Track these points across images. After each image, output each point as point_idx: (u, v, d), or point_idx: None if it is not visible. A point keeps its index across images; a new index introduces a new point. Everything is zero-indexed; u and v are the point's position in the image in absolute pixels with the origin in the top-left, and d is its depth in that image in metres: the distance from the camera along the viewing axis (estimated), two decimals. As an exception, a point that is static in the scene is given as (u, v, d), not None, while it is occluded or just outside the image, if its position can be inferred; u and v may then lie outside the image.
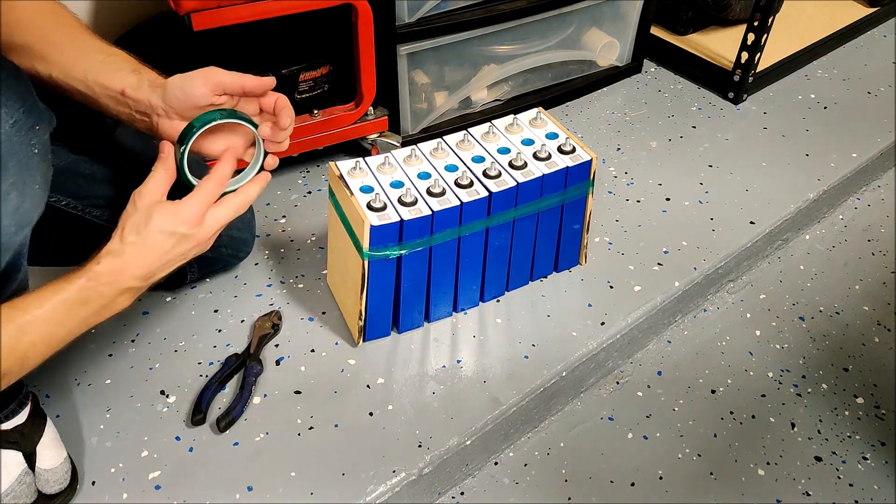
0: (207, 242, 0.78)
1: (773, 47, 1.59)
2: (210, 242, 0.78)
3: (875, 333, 1.21)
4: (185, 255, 0.77)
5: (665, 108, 1.55)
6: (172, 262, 0.76)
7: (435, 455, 0.90)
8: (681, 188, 1.33)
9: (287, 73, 1.19)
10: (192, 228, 0.75)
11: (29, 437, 0.82)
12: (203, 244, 0.78)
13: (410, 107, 1.34)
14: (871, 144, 1.47)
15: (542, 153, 1.02)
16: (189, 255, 0.77)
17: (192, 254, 0.77)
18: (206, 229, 0.76)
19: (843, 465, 1.01)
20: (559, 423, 1.05)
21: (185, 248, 0.76)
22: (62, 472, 0.84)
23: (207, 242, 0.78)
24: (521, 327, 1.06)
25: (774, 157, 1.42)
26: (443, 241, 0.96)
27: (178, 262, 0.77)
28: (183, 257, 0.77)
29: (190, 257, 0.78)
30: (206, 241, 0.78)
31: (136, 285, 0.74)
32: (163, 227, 0.73)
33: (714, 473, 1.00)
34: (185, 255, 0.77)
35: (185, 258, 0.77)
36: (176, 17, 1.00)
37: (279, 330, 1.04)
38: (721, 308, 1.24)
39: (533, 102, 1.48)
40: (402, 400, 0.96)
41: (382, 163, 0.99)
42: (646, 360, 1.15)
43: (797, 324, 1.21)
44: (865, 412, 1.08)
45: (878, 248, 1.37)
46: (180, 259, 0.77)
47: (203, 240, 0.77)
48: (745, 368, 1.14)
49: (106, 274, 0.71)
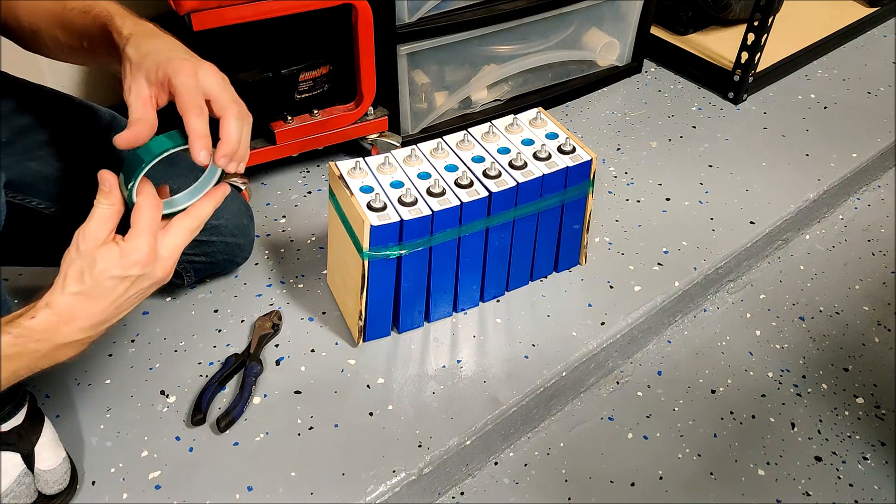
0: (168, 274, 0.70)
1: (773, 47, 1.59)
2: (171, 271, 0.70)
3: (875, 333, 1.21)
4: (144, 293, 0.69)
5: (665, 108, 1.55)
6: (129, 302, 0.68)
7: (435, 455, 0.90)
8: (681, 188, 1.33)
9: (287, 73, 1.19)
10: (145, 268, 0.67)
11: (27, 438, 0.82)
12: (163, 278, 0.70)
13: (410, 107, 1.34)
14: (871, 144, 1.47)
15: (542, 153, 1.02)
16: (149, 291, 0.70)
17: (154, 289, 0.70)
18: (163, 263, 0.69)
19: (843, 465, 1.01)
20: (559, 423, 1.05)
21: (142, 287, 0.68)
22: (61, 472, 0.84)
23: (168, 274, 0.70)
24: (521, 327, 1.06)
25: (774, 157, 1.42)
26: (443, 241, 0.96)
27: (137, 301, 0.70)
28: (141, 296, 0.69)
29: (151, 293, 0.70)
30: (166, 275, 0.70)
31: (81, 337, 0.66)
32: (111, 272, 0.65)
33: (714, 473, 1.00)
34: (144, 293, 0.69)
35: (144, 296, 0.70)
36: (176, 17, 1.00)
37: (279, 330, 1.04)
38: (721, 308, 1.24)
39: (533, 102, 1.48)
40: (402, 400, 0.96)
41: (382, 163, 0.99)
42: (646, 360, 1.15)
43: (797, 324, 1.21)
44: (865, 412, 1.08)
45: (878, 248, 1.37)
46: (139, 298, 0.69)
47: (163, 275, 0.69)
48: (745, 368, 1.14)
49: (40, 331, 0.64)
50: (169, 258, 0.69)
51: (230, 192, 0.74)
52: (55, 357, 0.66)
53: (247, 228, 1.07)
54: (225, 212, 1.03)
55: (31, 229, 0.89)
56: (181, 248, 0.70)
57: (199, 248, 1.02)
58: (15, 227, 0.81)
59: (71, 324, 0.65)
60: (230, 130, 0.67)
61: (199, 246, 1.02)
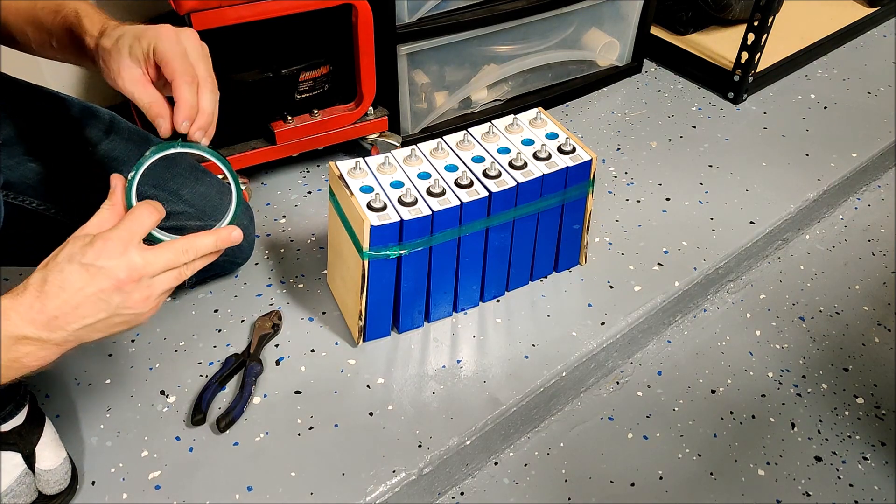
0: (144, 307, 0.61)
1: (773, 47, 1.59)
2: (151, 311, 0.62)
3: (875, 333, 1.20)
4: (116, 314, 0.60)
5: (665, 108, 1.55)
6: (93, 310, 0.59)
7: (435, 455, 0.90)
8: (681, 188, 1.33)
9: (287, 73, 1.19)
10: (111, 260, 0.58)
11: (27, 438, 0.82)
12: (139, 308, 0.61)
13: (410, 107, 1.34)
14: (871, 144, 1.47)
15: (542, 153, 1.02)
16: (122, 317, 0.61)
17: (126, 319, 0.61)
18: (143, 289, 0.60)
19: (843, 465, 1.01)
20: (559, 423, 1.05)
21: (115, 303, 0.59)
22: (62, 472, 0.84)
23: (144, 307, 0.61)
24: (521, 327, 1.06)
25: (774, 157, 1.42)
26: (443, 241, 0.96)
27: (103, 314, 0.60)
28: (108, 310, 0.60)
29: (123, 325, 0.62)
30: (141, 305, 0.61)
31: (33, 334, 0.58)
32: (75, 257, 0.58)
33: (714, 473, 1.00)
34: (116, 314, 0.60)
35: (118, 322, 0.61)
36: (176, 17, 1.00)
37: (279, 330, 1.04)
38: (721, 308, 1.24)
39: (533, 102, 1.48)
40: (402, 400, 0.96)
41: (382, 163, 0.99)
42: (646, 360, 1.15)
43: (797, 324, 1.21)
44: (865, 412, 1.08)
45: (878, 248, 1.37)
46: (106, 311, 0.60)
47: (139, 301, 0.60)
48: (745, 368, 1.14)
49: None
50: (146, 271, 0.60)
51: (239, 240, 0.69)
52: (13, 356, 0.59)
53: (247, 230, 1.06)
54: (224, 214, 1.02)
55: (30, 230, 0.88)
56: (163, 266, 0.62)
57: None
58: (15, 227, 0.81)
59: (23, 310, 0.58)
60: (206, 102, 0.66)
61: None
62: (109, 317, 0.60)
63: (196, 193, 0.96)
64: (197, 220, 0.97)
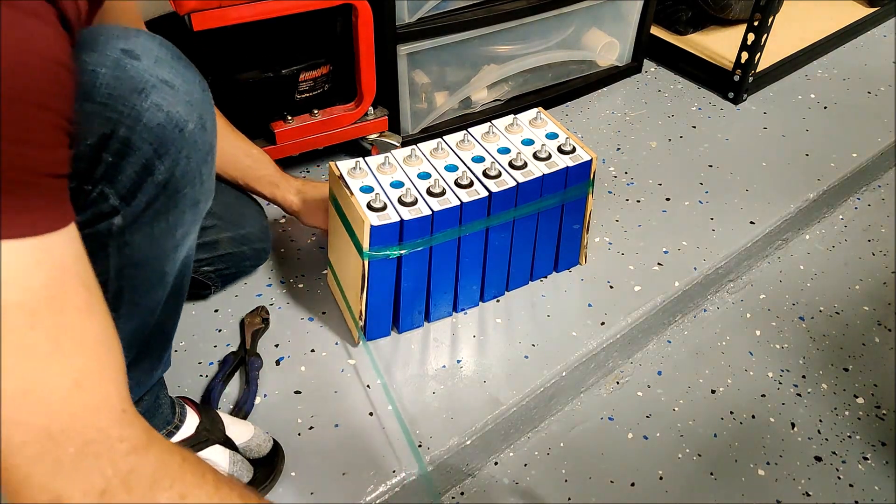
0: None
1: (773, 47, 1.59)
2: None
3: (875, 333, 1.20)
4: None
5: (665, 108, 1.55)
6: None
7: (435, 455, 0.90)
8: (681, 188, 1.33)
9: (287, 73, 1.19)
10: None
11: (214, 430, 0.84)
12: None
13: (410, 107, 1.34)
14: (871, 144, 1.47)
15: (542, 153, 1.02)
16: None
17: None
18: None
19: (843, 465, 1.01)
20: (559, 423, 1.05)
21: None
22: (260, 437, 0.87)
23: None
24: (521, 327, 1.06)
25: (774, 157, 1.42)
26: (443, 241, 0.96)
27: None
28: None
29: None
30: None
31: None
32: None
33: (714, 473, 1.00)
34: None
35: None
36: (176, 17, 1.00)
37: (269, 324, 1.04)
38: (721, 308, 1.24)
39: (533, 102, 1.48)
40: (402, 400, 0.96)
41: (382, 163, 0.99)
42: (646, 360, 1.15)
43: (797, 324, 1.21)
44: (865, 412, 1.08)
45: (878, 248, 1.37)
46: None
47: None
48: (745, 368, 1.14)
49: None
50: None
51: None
52: None
53: (267, 230, 1.09)
54: (249, 219, 1.05)
55: None
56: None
57: (231, 259, 1.04)
58: None
59: None
60: None
61: (231, 258, 1.04)
62: None
63: (220, 203, 0.98)
64: (227, 230, 1.01)
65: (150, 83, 0.57)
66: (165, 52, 0.60)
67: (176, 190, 0.62)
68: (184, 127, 0.60)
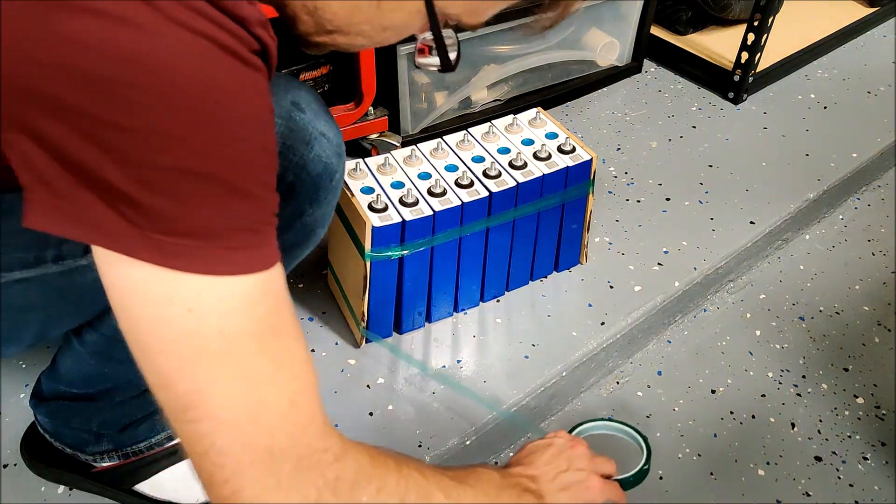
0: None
1: (773, 47, 1.59)
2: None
3: (875, 333, 1.21)
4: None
5: (665, 108, 1.55)
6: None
7: (435, 455, 0.90)
8: (681, 188, 1.33)
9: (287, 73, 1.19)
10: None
11: None
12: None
13: (410, 107, 1.34)
14: (871, 144, 1.47)
15: (542, 153, 1.02)
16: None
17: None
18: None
19: (843, 465, 1.01)
20: (559, 423, 1.05)
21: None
22: None
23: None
24: (521, 327, 1.06)
25: (774, 157, 1.42)
26: (444, 242, 0.96)
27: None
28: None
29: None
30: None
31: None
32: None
33: (714, 473, 1.00)
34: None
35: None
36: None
37: None
38: (721, 308, 1.24)
39: (533, 102, 1.47)
40: (402, 400, 0.96)
41: (382, 163, 0.99)
42: (646, 360, 1.15)
43: (797, 324, 1.21)
44: (865, 412, 1.08)
45: (878, 248, 1.37)
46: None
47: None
48: (745, 368, 1.14)
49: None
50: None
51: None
52: None
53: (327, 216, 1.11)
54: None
55: None
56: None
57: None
58: None
59: None
60: None
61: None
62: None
63: None
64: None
65: (314, 135, 0.63)
66: (320, 105, 0.66)
67: (313, 231, 0.70)
68: (333, 176, 0.67)
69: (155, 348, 0.44)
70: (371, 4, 0.54)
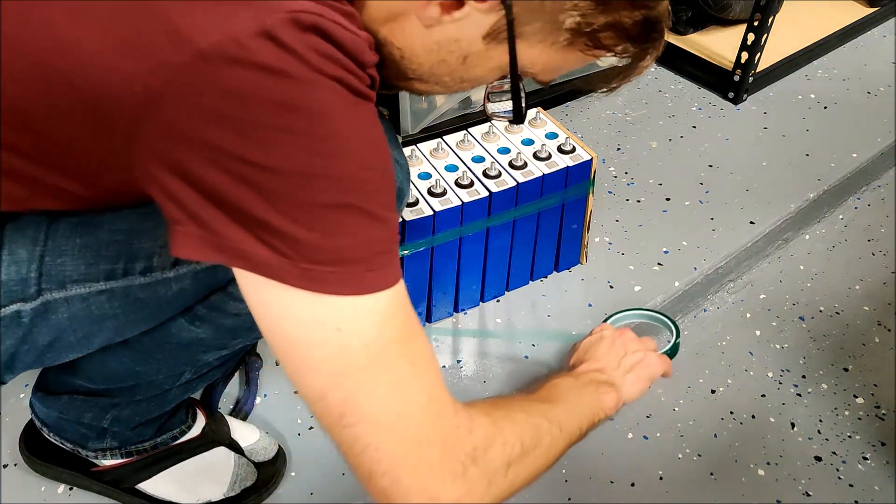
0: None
1: (773, 47, 1.59)
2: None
3: (875, 333, 1.20)
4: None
5: (665, 108, 1.55)
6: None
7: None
8: (681, 188, 1.33)
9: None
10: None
11: (220, 432, 0.86)
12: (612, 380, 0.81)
13: (410, 107, 1.34)
14: (871, 144, 1.47)
15: (542, 153, 1.02)
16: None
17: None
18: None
19: (844, 465, 1.01)
20: (559, 423, 1.05)
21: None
22: (266, 440, 0.88)
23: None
24: (521, 327, 1.06)
25: (774, 157, 1.42)
26: (444, 242, 0.96)
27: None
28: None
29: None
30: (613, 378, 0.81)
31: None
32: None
33: (714, 473, 0.99)
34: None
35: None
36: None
37: None
38: (721, 308, 1.24)
39: (533, 102, 1.47)
40: (402, 400, 0.96)
41: (383, 163, 0.98)
42: (646, 360, 1.14)
43: (797, 324, 1.21)
44: (865, 412, 1.08)
45: (878, 248, 1.37)
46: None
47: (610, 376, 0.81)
48: (745, 368, 1.14)
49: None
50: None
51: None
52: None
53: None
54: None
55: None
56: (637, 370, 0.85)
57: None
58: None
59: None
60: None
61: None
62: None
63: None
64: None
65: (390, 162, 0.64)
66: (392, 133, 0.69)
67: None
68: (402, 199, 0.72)
69: (308, 366, 0.51)
70: (457, 59, 0.58)
